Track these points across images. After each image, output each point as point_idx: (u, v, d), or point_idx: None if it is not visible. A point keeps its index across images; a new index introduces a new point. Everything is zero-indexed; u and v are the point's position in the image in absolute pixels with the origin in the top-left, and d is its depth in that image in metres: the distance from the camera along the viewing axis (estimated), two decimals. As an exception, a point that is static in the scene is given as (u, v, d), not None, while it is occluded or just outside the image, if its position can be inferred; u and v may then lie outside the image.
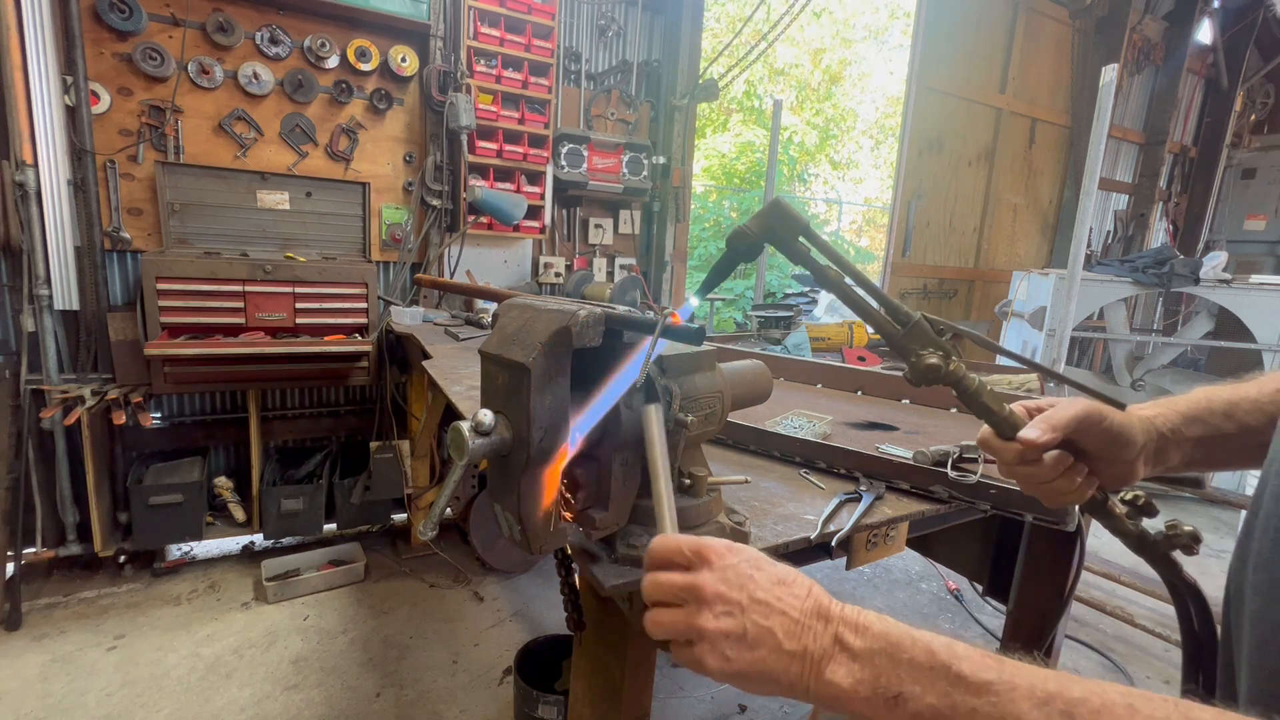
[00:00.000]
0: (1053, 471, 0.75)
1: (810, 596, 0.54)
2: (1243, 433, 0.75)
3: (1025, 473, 0.77)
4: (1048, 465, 0.75)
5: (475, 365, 1.42)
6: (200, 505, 2.90)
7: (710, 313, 5.14)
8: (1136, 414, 0.77)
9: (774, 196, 0.76)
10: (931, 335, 0.74)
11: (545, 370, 0.69)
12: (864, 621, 0.51)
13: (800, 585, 0.55)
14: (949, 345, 0.74)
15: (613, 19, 3.84)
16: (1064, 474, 0.76)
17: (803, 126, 11.15)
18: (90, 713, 2.13)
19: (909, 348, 0.75)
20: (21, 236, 2.56)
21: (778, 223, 0.73)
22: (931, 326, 0.74)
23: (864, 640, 0.50)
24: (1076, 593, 2.00)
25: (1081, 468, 0.77)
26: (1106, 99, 2.87)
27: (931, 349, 0.74)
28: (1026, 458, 0.75)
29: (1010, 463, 0.78)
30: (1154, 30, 6.13)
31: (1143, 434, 0.76)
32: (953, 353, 0.75)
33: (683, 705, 2.35)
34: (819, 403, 1.81)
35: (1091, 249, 6.34)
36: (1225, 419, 0.76)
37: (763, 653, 0.52)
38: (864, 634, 0.51)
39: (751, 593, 0.53)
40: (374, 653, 2.51)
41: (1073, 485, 0.76)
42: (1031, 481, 0.78)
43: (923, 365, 0.74)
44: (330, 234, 3.31)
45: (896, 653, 0.49)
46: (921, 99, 5.16)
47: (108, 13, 2.66)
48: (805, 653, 0.51)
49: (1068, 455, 0.75)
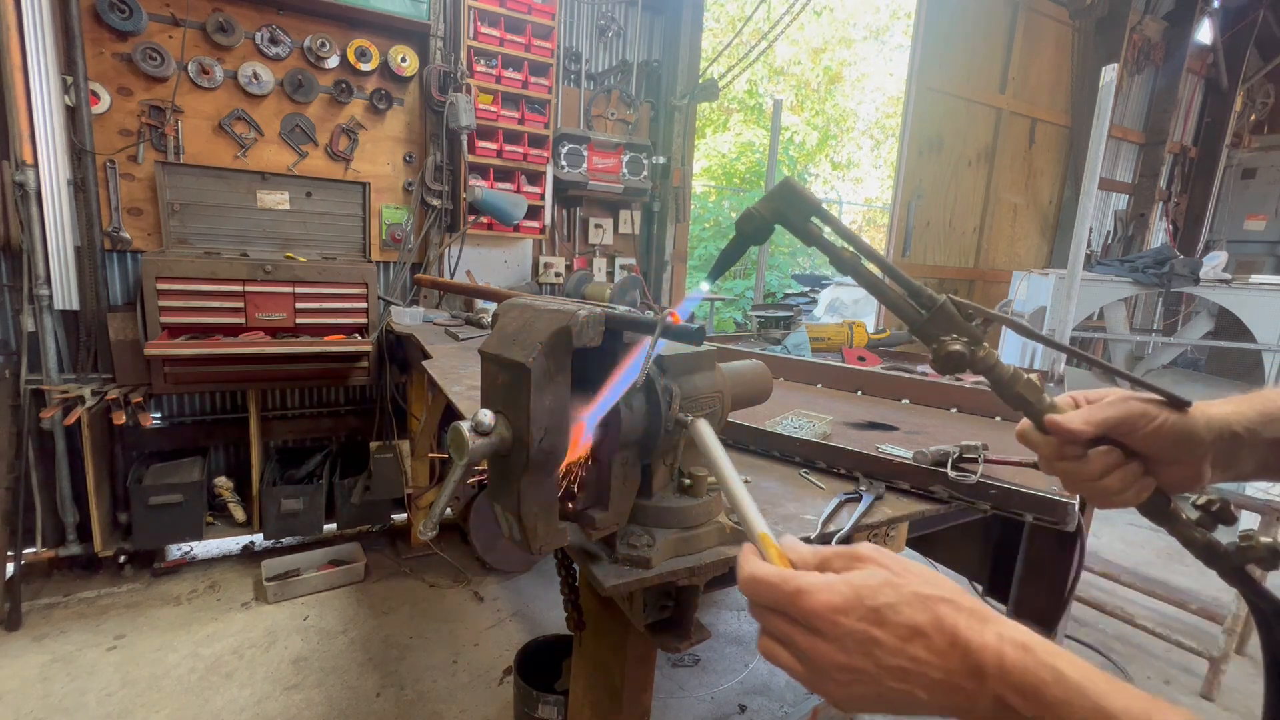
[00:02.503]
0: (1100, 470, 0.67)
1: (956, 649, 0.43)
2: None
3: (1067, 469, 0.69)
4: (1093, 462, 0.67)
5: (475, 365, 1.42)
6: (200, 505, 2.90)
7: (710, 313, 5.14)
8: (1204, 411, 0.68)
9: (784, 177, 0.73)
10: (959, 320, 0.68)
11: (545, 370, 0.69)
12: (1033, 683, 0.40)
13: (939, 635, 0.43)
14: (977, 331, 0.69)
15: (613, 19, 3.84)
16: (1114, 473, 0.67)
17: (803, 127, 11.15)
18: (90, 713, 2.13)
19: (933, 334, 0.70)
20: (21, 236, 2.56)
21: (787, 204, 0.69)
22: (959, 310, 0.69)
23: (1034, 709, 0.40)
24: (1076, 593, 2.00)
25: (1136, 467, 0.68)
26: (1106, 99, 2.87)
27: (956, 335, 0.68)
28: (1066, 454, 0.68)
29: (1050, 458, 0.70)
30: (1154, 30, 6.13)
31: (1210, 433, 0.66)
32: (982, 339, 0.69)
33: (683, 705, 2.35)
34: (819, 403, 1.81)
35: (1091, 249, 6.34)
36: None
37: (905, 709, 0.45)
38: (1033, 700, 0.40)
39: (879, 660, 0.44)
40: (374, 653, 2.51)
41: (1124, 485, 0.68)
42: (1076, 479, 0.70)
43: (946, 352, 0.68)
44: (330, 234, 3.31)
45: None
46: (921, 99, 5.16)
47: (108, 13, 2.66)
48: (958, 708, 0.43)
49: (1116, 452, 0.67)
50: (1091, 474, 0.68)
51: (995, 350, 0.70)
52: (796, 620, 0.47)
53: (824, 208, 0.70)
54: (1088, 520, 1.39)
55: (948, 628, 0.43)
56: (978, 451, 1.15)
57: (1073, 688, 0.39)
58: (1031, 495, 1.05)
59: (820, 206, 0.70)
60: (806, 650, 0.46)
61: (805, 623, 0.46)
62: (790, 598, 0.47)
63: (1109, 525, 3.96)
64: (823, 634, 0.46)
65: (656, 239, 4.20)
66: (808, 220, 0.70)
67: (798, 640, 0.47)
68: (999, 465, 1.17)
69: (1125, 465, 0.68)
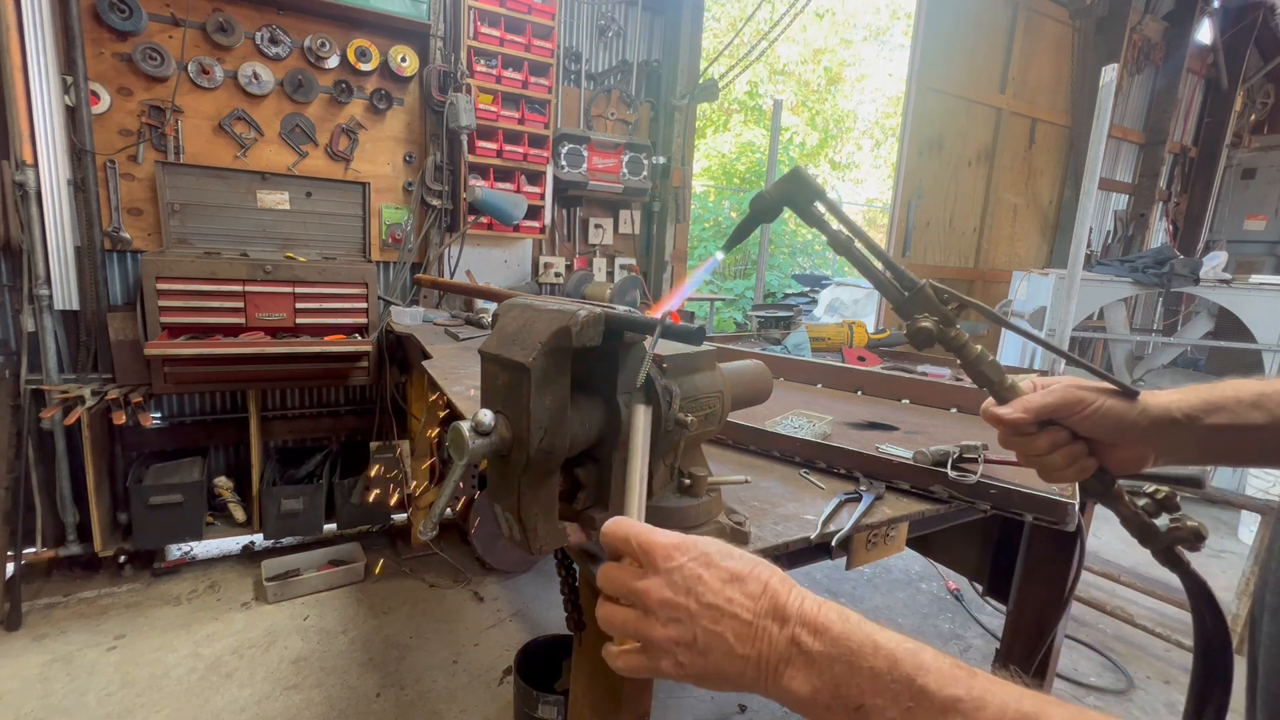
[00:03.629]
0: (1046, 446, 0.76)
1: (766, 594, 0.49)
2: (1273, 425, 0.71)
3: (1019, 444, 0.79)
4: (1040, 440, 0.76)
5: (475, 365, 1.42)
6: (200, 505, 2.90)
7: (710, 313, 5.14)
8: (1147, 400, 0.75)
9: (794, 165, 0.84)
10: (935, 302, 0.76)
11: (545, 370, 0.69)
12: (823, 621, 0.47)
13: (754, 581, 0.50)
14: (951, 313, 0.76)
15: (613, 19, 3.84)
16: (1059, 451, 0.76)
17: (803, 127, 11.15)
18: (90, 713, 2.13)
19: (911, 312, 0.77)
20: (21, 236, 2.56)
21: (796, 189, 0.77)
22: (937, 294, 0.76)
23: (822, 644, 0.46)
24: (1076, 593, 2.00)
25: (1080, 448, 0.77)
26: (1106, 99, 2.87)
27: (931, 315, 0.76)
28: (1021, 430, 0.76)
29: (1006, 434, 0.79)
30: (1154, 30, 6.13)
31: (1146, 419, 0.74)
32: (954, 320, 0.76)
33: (683, 705, 2.35)
34: (819, 403, 1.81)
35: (1091, 249, 6.34)
36: (1253, 409, 0.71)
37: (715, 658, 0.49)
38: (822, 636, 0.47)
39: (700, 596, 0.50)
40: (374, 653, 2.51)
41: (1066, 463, 0.76)
42: (1026, 454, 0.79)
43: (916, 327, 0.76)
44: (330, 234, 3.31)
45: (857, 660, 0.45)
46: (921, 99, 5.16)
47: (108, 13, 2.66)
48: (760, 657, 0.48)
49: (1064, 433, 0.76)
50: (1039, 449, 0.77)
51: (995, 348, 0.74)
52: (637, 560, 0.53)
53: (825, 194, 0.78)
54: (1088, 520, 1.39)
55: (762, 578, 0.50)
56: (978, 451, 1.15)
57: (853, 625, 0.47)
58: (1031, 495, 1.05)
59: (824, 193, 0.78)
60: (638, 590, 0.52)
61: (644, 559, 0.53)
62: (637, 536, 0.54)
63: (1109, 525, 3.96)
64: (656, 569, 0.52)
65: (656, 239, 4.20)
66: (811, 204, 0.78)
67: (631, 581, 0.53)
68: (999, 465, 1.17)
69: (1070, 445, 0.76)
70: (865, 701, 0.44)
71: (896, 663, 0.44)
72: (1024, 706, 0.40)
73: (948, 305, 0.77)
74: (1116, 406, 0.74)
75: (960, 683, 0.42)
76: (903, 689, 0.43)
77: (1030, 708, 0.40)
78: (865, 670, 0.44)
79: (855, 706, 0.44)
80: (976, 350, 0.78)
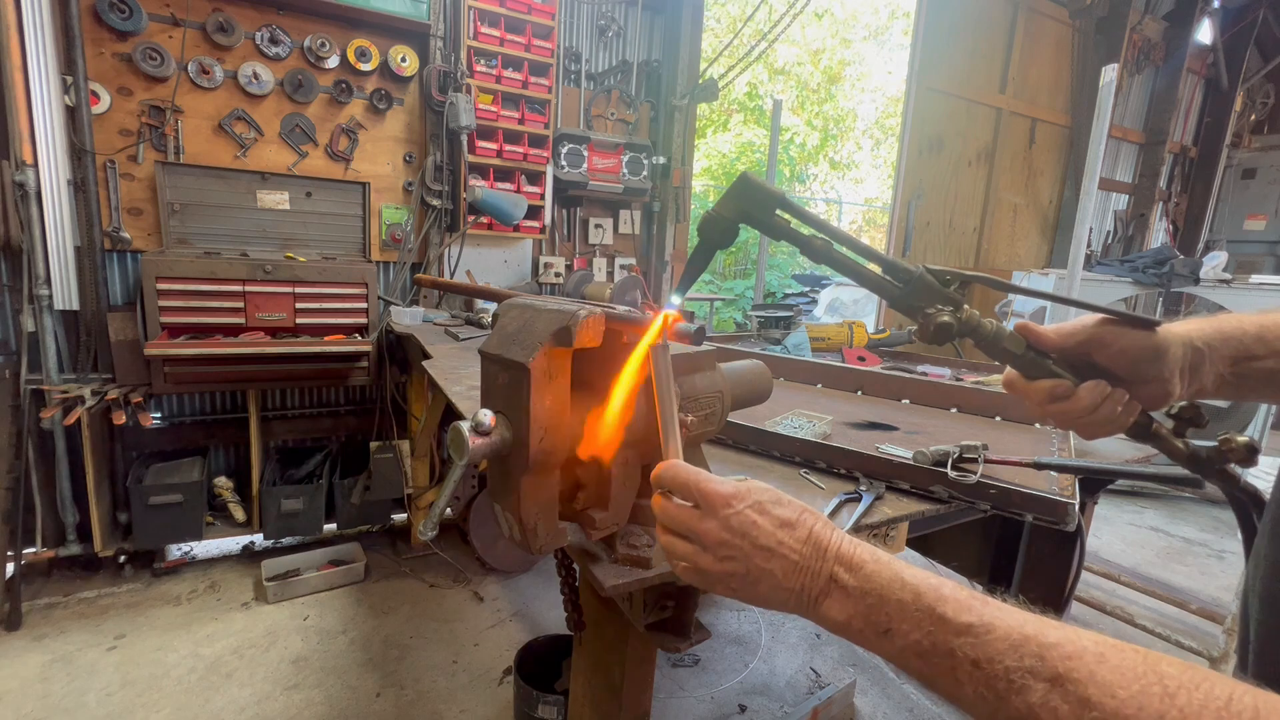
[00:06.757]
0: (1090, 402, 0.73)
1: (811, 539, 0.56)
2: (1273, 357, 0.72)
3: (1059, 410, 0.75)
4: (1083, 397, 0.73)
5: (475, 365, 1.42)
6: (200, 505, 2.90)
7: (710, 313, 5.14)
8: (1169, 329, 0.74)
9: (741, 173, 0.70)
10: (938, 288, 0.70)
11: (545, 370, 0.69)
12: (858, 560, 0.54)
13: (802, 528, 0.57)
14: (957, 296, 0.71)
15: (613, 19, 3.84)
16: (1105, 403, 0.73)
17: (803, 127, 11.15)
18: (90, 713, 2.13)
19: (915, 306, 0.71)
20: (21, 236, 2.56)
21: (749, 200, 0.67)
22: (936, 278, 0.70)
23: (856, 579, 0.53)
24: (1076, 593, 2.00)
25: (1120, 394, 0.74)
26: (1106, 99, 2.87)
27: (939, 303, 0.70)
28: (1057, 394, 0.74)
29: (1041, 402, 0.76)
30: (1154, 30, 6.13)
31: (1177, 347, 0.72)
32: (962, 302, 0.71)
33: (683, 705, 2.35)
34: (819, 403, 1.81)
35: (1091, 249, 6.34)
36: (1257, 341, 0.72)
37: (764, 589, 0.57)
38: (857, 572, 0.54)
39: (754, 540, 0.57)
40: (374, 653, 2.51)
41: (1114, 413, 0.74)
42: (1069, 417, 0.75)
43: (934, 324, 0.69)
44: (330, 234, 3.31)
45: (886, 593, 0.52)
46: (921, 99, 5.16)
47: (108, 13, 2.66)
48: (803, 589, 0.56)
49: (1104, 383, 0.73)
50: (1082, 408, 0.74)
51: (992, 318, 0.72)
52: (697, 505, 0.60)
53: (787, 198, 0.67)
54: (1088, 520, 1.39)
55: (808, 524, 0.58)
56: (978, 451, 1.15)
57: (884, 563, 0.54)
58: (1031, 495, 1.05)
59: (783, 197, 0.68)
60: (698, 530, 0.59)
61: (703, 504, 0.60)
62: (697, 483, 0.60)
63: (1109, 525, 3.96)
64: (715, 515, 0.59)
65: (656, 239, 4.20)
66: (773, 214, 0.68)
67: (691, 523, 0.60)
68: (999, 465, 1.17)
69: (1113, 394, 0.73)
70: (892, 626, 0.51)
71: (920, 595, 0.50)
72: (1026, 629, 0.46)
73: (949, 287, 0.71)
74: (1149, 337, 0.72)
75: (974, 610, 0.48)
76: (925, 616, 0.49)
77: (1032, 630, 0.45)
78: (893, 601, 0.51)
79: (884, 630, 0.51)
80: (992, 326, 0.72)
